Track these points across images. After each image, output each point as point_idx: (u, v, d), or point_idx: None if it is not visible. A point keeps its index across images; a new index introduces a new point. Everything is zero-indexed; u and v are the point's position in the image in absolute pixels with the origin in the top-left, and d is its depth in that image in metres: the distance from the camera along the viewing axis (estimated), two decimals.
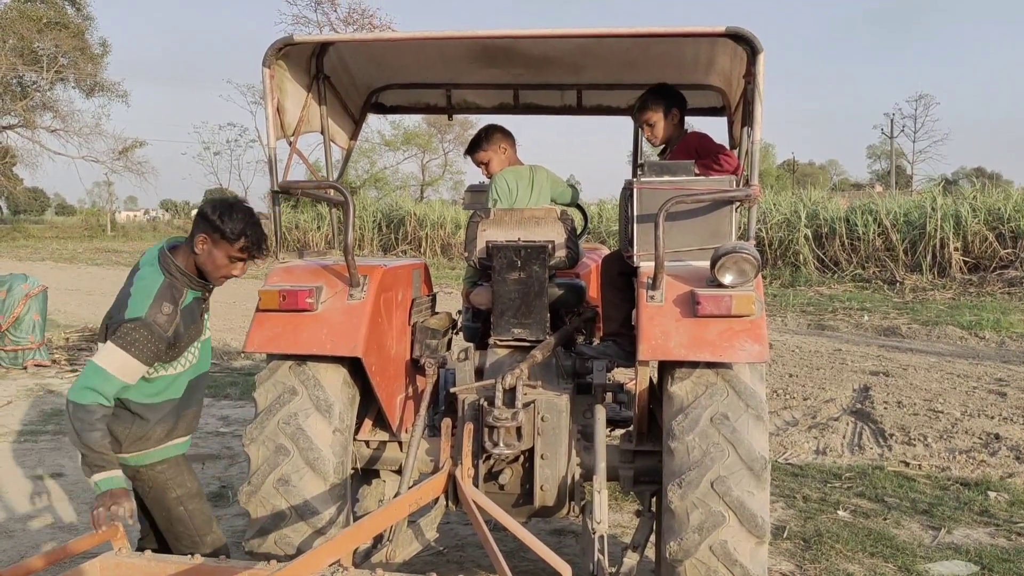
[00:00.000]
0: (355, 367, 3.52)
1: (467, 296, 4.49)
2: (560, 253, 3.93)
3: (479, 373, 3.90)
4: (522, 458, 3.59)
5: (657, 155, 4.34)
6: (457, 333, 4.51)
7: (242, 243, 3.15)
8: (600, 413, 3.62)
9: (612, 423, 4.19)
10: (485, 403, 3.48)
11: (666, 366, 3.27)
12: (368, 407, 3.84)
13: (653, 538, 3.68)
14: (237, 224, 3.11)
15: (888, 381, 9.46)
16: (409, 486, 3.46)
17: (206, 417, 7.17)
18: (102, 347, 3.07)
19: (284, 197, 3.72)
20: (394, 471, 3.90)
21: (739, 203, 3.48)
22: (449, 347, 4.38)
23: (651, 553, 3.96)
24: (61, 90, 41.42)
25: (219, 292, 3.58)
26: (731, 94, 4.37)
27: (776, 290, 17.92)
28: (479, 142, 4.56)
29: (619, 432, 4.13)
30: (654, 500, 3.62)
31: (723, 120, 4.79)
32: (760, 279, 3.27)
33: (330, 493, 3.43)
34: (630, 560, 3.39)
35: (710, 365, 3.18)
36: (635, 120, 4.66)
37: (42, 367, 9.81)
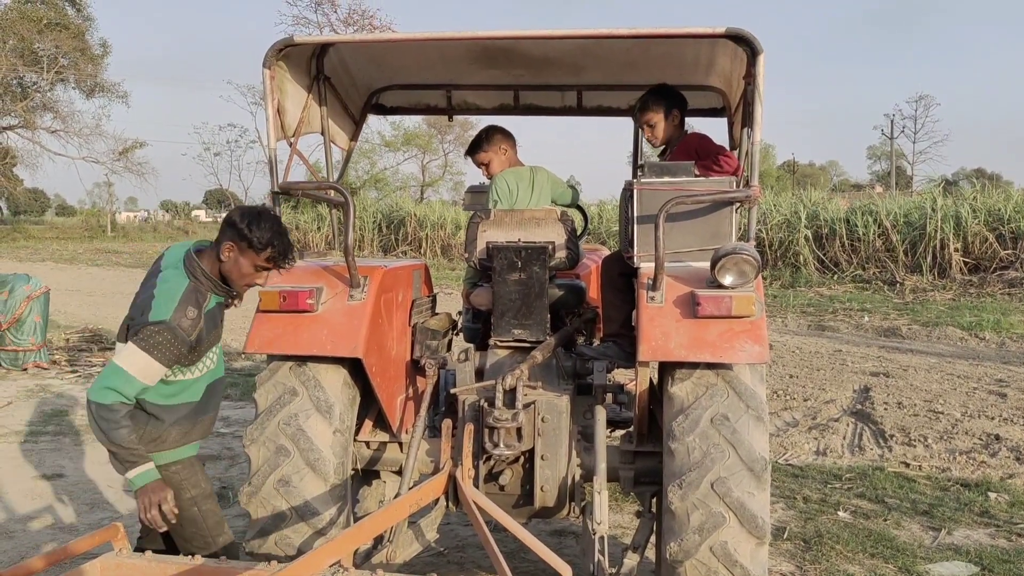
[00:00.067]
0: (355, 368, 3.52)
1: (467, 297, 4.48)
2: (560, 254, 3.93)
3: (479, 374, 3.90)
4: (522, 459, 3.60)
5: (657, 156, 4.35)
6: (457, 334, 4.51)
7: (269, 253, 3.15)
8: (600, 414, 3.62)
9: (612, 424, 4.19)
10: (485, 404, 3.48)
11: (666, 367, 3.28)
12: (368, 408, 3.85)
13: (653, 539, 3.68)
14: (265, 234, 3.11)
15: (888, 382, 9.46)
16: (409, 487, 3.47)
17: None
18: (123, 348, 3.05)
19: (284, 198, 3.73)
20: (394, 472, 3.90)
21: (739, 204, 3.48)
22: (449, 348, 4.38)
23: (651, 554, 3.96)
24: (61, 91, 41.51)
25: None
26: (731, 95, 4.37)
27: (776, 291, 17.92)
28: (480, 143, 4.56)
29: (619, 433, 4.13)
30: (654, 501, 3.62)
31: (723, 121, 4.79)
32: (760, 280, 3.27)
33: (330, 494, 3.43)
34: (630, 561, 3.39)
35: (710, 366, 3.18)
36: (635, 121, 4.66)
37: (42, 369, 9.79)
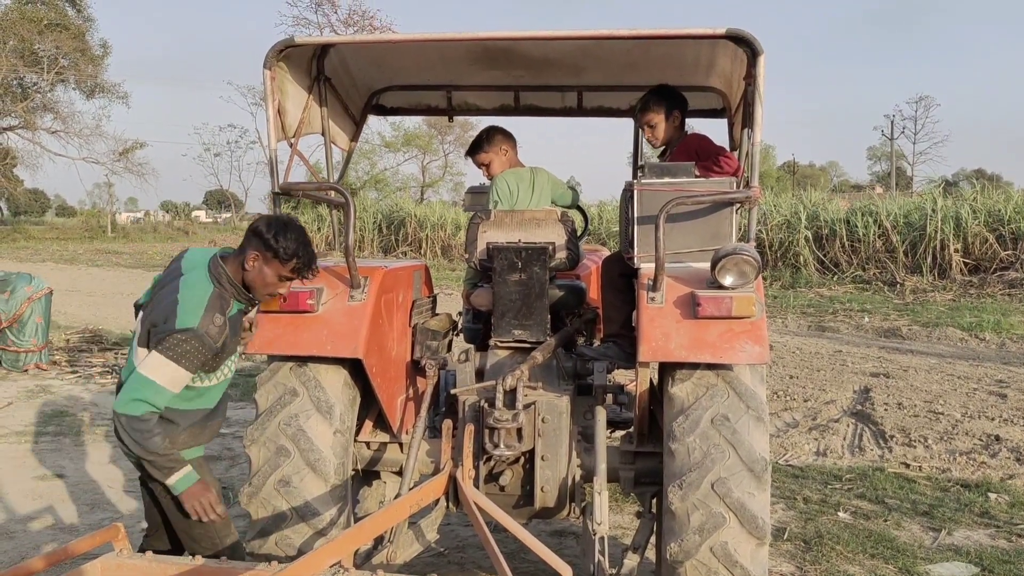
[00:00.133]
0: (356, 368, 3.53)
1: (467, 297, 4.48)
2: (561, 255, 3.93)
3: (480, 374, 3.90)
4: (523, 459, 3.60)
5: (657, 157, 4.35)
6: (458, 334, 4.51)
7: (294, 264, 3.15)
8: (601, 414, 3.62)
9: (612, 424, 4.19)
10: (486, 404, 3.48)
11: (667, 367, 3.28)
12: (369, 408, 3.85)
13: (653, 539, 3.68)
14: (291, 244, 3.11)
15: (888, 383, 9.46)
16: (410, 487, 3.47)
17: None
18: (148, 357, 3.02)
19: (284, 198, 3.73)
20: (395, 472, 3.90)
21: (739, 205, 3.48)
22: (450, 348, 4.38)
23: (652, 554, 3.96)
24: (62, 91, 41.54)
25: None
26: (731, 96, 4.37)
27: (776, 292, 17.92)
28: (480, 143, 4.56)
29: (619, 433, 4.14)
30: (655, 501, 3.63)
31: (723, 122, 4.79)
32: (760, 281, 3.28)
33: (331, 494, 3.44)
34: (630, 561, 3.38)
35: (711, 366, 3.19)
36: (636, 121, 4.66)
37: (42, 370, 9.77)
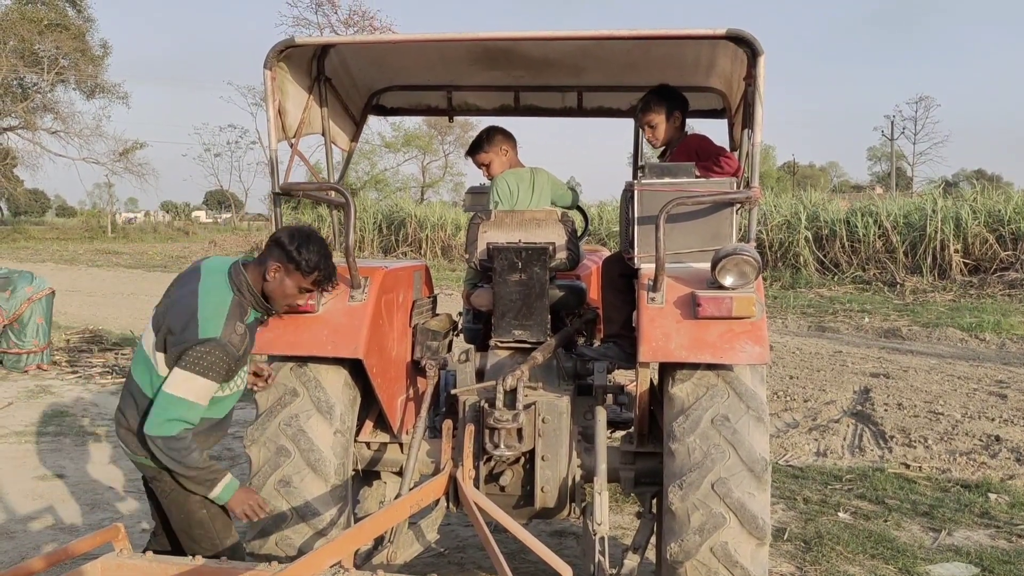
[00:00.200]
0: (356, 369, 3.53)
1: (468, 298, 4.49)
2: (561, 255, 3.93)
3: (480, 375, 3.90)
4: (523, 460, 3.60)
5: (657, 157, 4.35)
6: (458, 335, 4.51)
7: (315, 276, 3.16)
8: (601, 415, 3.62)
9: (613, 425, 4.19)
10: (486, 405, 3.49)
11: (667, 368, 3.28)
12: (369, 409, 3.85)
13: (654, 539, 3.68)
14: (312, 256, 3.12)
15: (888, 383, 9.46)
16: (410, 487, 3.47)
17: None
18: (175, 374, 2.99)
19: (285, 199, 3.73)
20: (395, 472, 3.90)
21: (739, 205, 3.48)
22: (450, 349, 4.38)
23: (652, 555, 3.96)
24: (62, 92, 41.53)
25: None
26: (731, 96, 4.37)
27: (776, 292, 17.92)
28: (480, 144, 4.55)
29: (620, 434, 4.14)
30: (655, 501, 3.63)
31: (723, 122, 4.79)
32: (761, 281, 3.28)
33: (331, 494, 3.44)
34: (631, 561, 3.38)
35: (711, 367, 3.19)
36: (637, 121, 4.66)
37: (43, 370, 9.76)
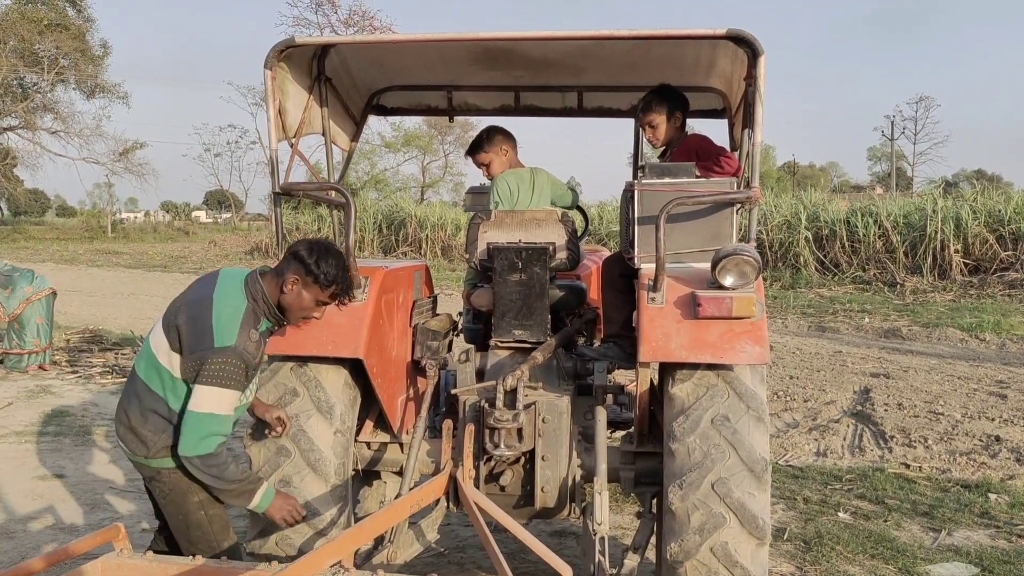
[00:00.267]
0: (356, 368, 3.53)
1: (468, 298, 4.48)
2: (561, 255, 3.93)
3: (480, 375, 3.90)
4: (523, 459, 3.60)
5: (658, 157, 4.35)
6: (458, 335, 4.51)
7: (333, 289, 3.16)
8: (601, 415, 3.62)
9: (613, 425, 4.19)
10: (486, 404, 3.49)
11: (667, 368, 3.28)
12: (369, 408, 3.85)
13: (654, 539, 3.68)
14: (331, 270, 3.12)
15: (888, 383, 9.46)
16: (410, 487, 3.47)
17: None
18: (197, 392, 2.99)
19: (285, 199, 3.73)
20: (395, 472, 3.90)
21: (740, 205, 3.48)
22: (450, 349, 4.38)
23: (652, 555, 3.96)
24: (62, 92, 41.56)
25: None
26: (732, 96, 4.37)
27: (777, 292, 17.92)
28: (480, 143, 4.55)
29: (620, 434, 4.14)
30: (655, 501, 3.63)
31: (723, 122, 4.79)
32: (761, 281, 3.28)
33: (331, 494, 3.44)
34: (631, 561, 3.38)
35: (711, 367, 3.19)
36: (637, 121, 4.66)
37: (43, 371, 9.76)
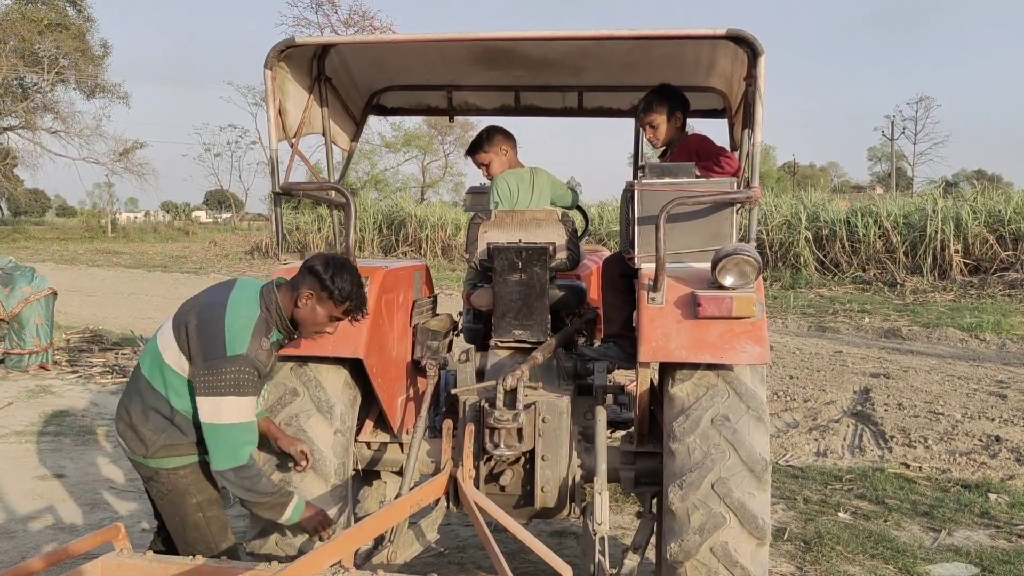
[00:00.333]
0: (356, 368, 3.53)
1: (468, 298, 4.48)
2: (561, 255, 3.93)
3: (480, 375, 3.90)
4: (523, 459, 3.60)
5: (658, 157, 4.35)
6: (458, 335, 4.51)
7: (347, 305, 3.16)
8: (601, 415, 3.62)
9: (613, 425, 4.19)
10: (486, 404, 3.48)
11: (667, 368, 3.28)
12: (369, 408, 3.85)
13: (654, 539, 3.68)
14: (346, 286, 3.12)
15: (889, 383, 9.46)
16: (410, 487, 3.48)
17: None
18: (216, 406, 2.98)
19: (285, 199, 3.73)
20: (395, 472, 3.90)
21: (740, 205, 3.48)
22: (450, 349, 4.38)
23: (652, 555, 3.96)
24: (62, 91, 41.57)
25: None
26: (732, 96, 4.37)
27: (777, 292, 17.92)
28: (480, 143, 4.55)
29: (620, 434, 4.14)
30: (655, 501, 3.63)
31: (724, 122, 4.79)
32: (761, 281, 3.27)
33: (331, 494, 3.44)
34: (631, 561, 3.38)
35: (711, 367, 3.19)
36: (638, 121, 4.66)
37: (44, 370, 9.76)
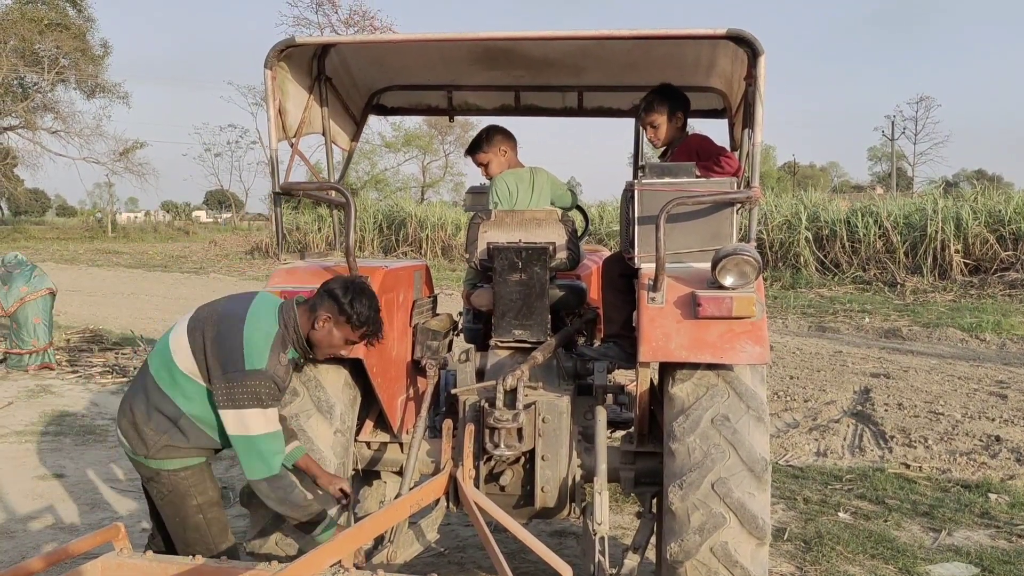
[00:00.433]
0: (356, 368, 3.53)
1: (468, 298, 4.49)
2: (561, 255, 3.93)
3: (480, 374, 3.90)
4: (523, 459, 3.60)
5: (658, 157, 4.35)
6: (458, 334, 4.51)
7: (364, 330, 3.18)
8: (601, 414, 3.62)
9: (613, 424, 4.19)
10: (486, 404, 3.49)
11: (667, 368, 3.28)
12: (369, 408, 3.85)
13: (654, 539, 3.68)
14: (364, 311, 3.14)
15: (889, 383, 9.46)
16: (410, 487, 3.48)
17: None
18: (240, 420, 2.99)
19: (285, 198, 3.73)
20: (395, 472, 3.90)
21: (740, 205, 3.48)
22: (450, 348, 4.38)
23: (652, 555, 3.96)
24: (62, 91, 41.56)
25: (222, 292, 3.57)
26: (732, 96, 4.37)
27: (777, 292, 17.92)
28: (480, 143, 4.55)
29: (620, 433, 4.14)
30: (655, 501, 3.63)
31: (724, 122, 4.79)
32: (761, 281, 3.27)
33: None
34: (631, 561, 3.38)
35: (711, 367, 3.19)
36: (638, 121, 4.66)
37: (47, 370, 9.76)
